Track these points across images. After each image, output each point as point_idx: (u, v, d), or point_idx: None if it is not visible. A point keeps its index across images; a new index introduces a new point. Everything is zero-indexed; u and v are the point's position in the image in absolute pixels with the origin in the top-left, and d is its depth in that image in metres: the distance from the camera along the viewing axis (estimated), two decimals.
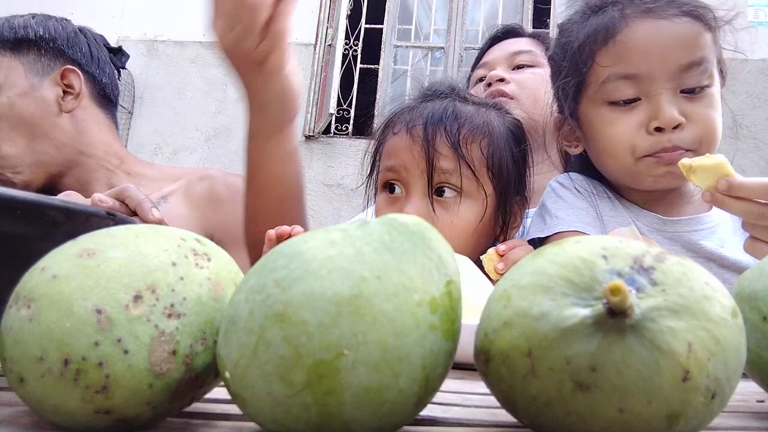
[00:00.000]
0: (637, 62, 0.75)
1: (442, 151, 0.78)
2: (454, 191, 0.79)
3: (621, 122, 0.76)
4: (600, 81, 0.77)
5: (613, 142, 0.78)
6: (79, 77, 1.02)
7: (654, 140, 0.75)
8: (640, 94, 0.76)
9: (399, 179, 0.81)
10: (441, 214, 0.78)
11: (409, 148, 0.79)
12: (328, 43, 3.64)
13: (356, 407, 0.22)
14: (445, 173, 0.78)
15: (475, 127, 0.81)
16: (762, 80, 3.16)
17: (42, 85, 0.98)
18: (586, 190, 0.86)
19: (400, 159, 0.80)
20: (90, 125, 1.02)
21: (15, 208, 0.33)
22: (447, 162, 0.78)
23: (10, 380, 0.25)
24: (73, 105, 1.00)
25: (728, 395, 0.24)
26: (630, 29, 0.76)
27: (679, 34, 0.74)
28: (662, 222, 0.82)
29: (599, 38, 0.77)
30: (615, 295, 0.21)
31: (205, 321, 0.26)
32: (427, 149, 0.77)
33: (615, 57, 0.76)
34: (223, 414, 0.29)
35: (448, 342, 0.25)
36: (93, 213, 0.37)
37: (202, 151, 3.60)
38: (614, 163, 0.80)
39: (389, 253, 0.24)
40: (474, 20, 3.72)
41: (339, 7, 3.59)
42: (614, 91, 0.76)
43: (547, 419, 0.24)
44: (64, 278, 0.25)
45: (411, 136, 0.79)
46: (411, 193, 0.79)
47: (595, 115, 0.80)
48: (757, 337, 0.30)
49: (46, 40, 1.01)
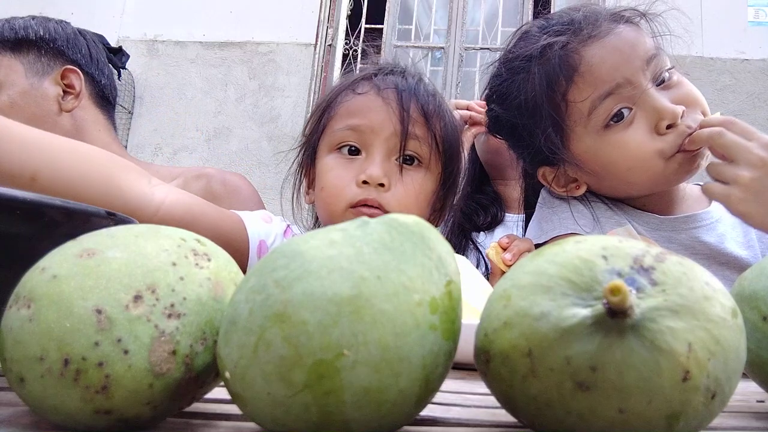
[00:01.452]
0: (610, 77, 0.75)
1: (415, 117, 0.77)
2: (418, 161, 0.78)
3: (632, 139, 0.76)
4: (587, 114, 0.77)
5: (637, 160, 0.76)
6: (79, 77, 1.03)
7: (674, 136, 0.75)
8: (629, 103, 0.76)
9: (359, 140, 0.78)
10: (406, 181, 0.77)
11: (381, 110, 0.77)
12: (328, 43, 3.64)
13: (356, 407, 0.22)
14: (416, 140, 0.77)
15: (439, 105, 0.81)
16: (762, 80, 3.16)
17: (42, 84, 0.99)
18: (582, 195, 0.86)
19: (368, 119, 0.77)
20: (89, 125, 1.03)
21: (15, 208, 0.33)
22: (419, 130, 0.77)
23: (10, 380, 0.25)
24: (72, 104, 1.01)
25: (728, 395, 0.24)
26: (587, 57, 0.76)
27: (626, 38, 0.77)
28: (660, 221, 0.82)
29: (563, 80, 0.77)
30: (615, 295, 0.21)
31: (205, 321, 0.26)
32: (402, 113, 0.76)
33: (588, 86, 0.76)
34: (223, 414, 0.29)
35: (448, 342, 0.25)
36: (93, 213, 0.37)
37: (202, 151, 3.60)
38: (646, 175, 0.78)
39: (389, 253, 0.24)
40: (474, 20, 3.72)
41: (339, 6, 3.59)
42: (604, 113, 0.76)
43: (547, 419, 0.24)
44: (64, 278, 0.25)
45: (382, 98, 0.77)
46: (374, 154, 0.76)
47: (598, 146, 0.78)
48: (757, 337, 0.30)
49: (45, 40, 1.02)
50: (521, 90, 0.81)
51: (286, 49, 3.64)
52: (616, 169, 0.79)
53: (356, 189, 0.75)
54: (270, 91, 3.60)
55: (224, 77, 3.51)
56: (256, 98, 3.52)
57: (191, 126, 3.66)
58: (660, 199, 0.84)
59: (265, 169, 3.42)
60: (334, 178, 0.78)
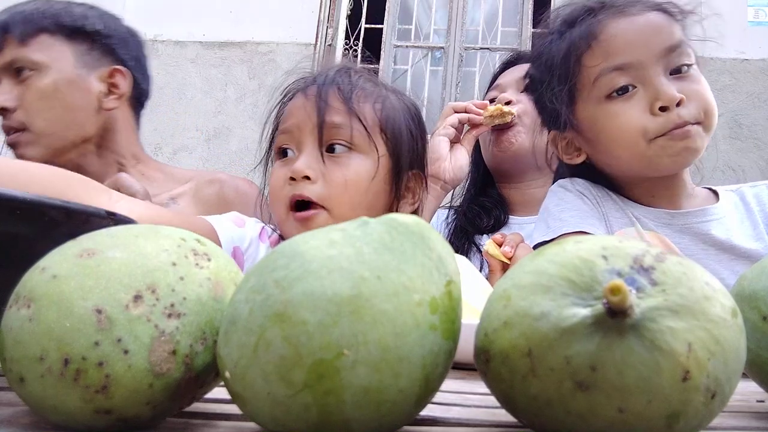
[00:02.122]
0: (624, 52, 0.79)
1: (334, 105, 0.77)
2: (345, 147, 0.78)
3: (624, 111, 0.79)
4: (593, 80, 0.80)
5: (622, 132, 0.80)
6: (125, 79, 1.02)
7: (663, 119, 0.77)
8: (634, 81, 0.79)
9: (292, 141, 0.79)
10: (332, 169, 0.76)
11: (302, 107, 0.78)
12: (328, 43, 3.64)
13: (356, 407, 0.22)
14: (336, 128, 0.77)
15: (368, 90, 0.81)
16: (762, 80, 3.16)
17: (88, 77, 0.99)
18: (590, 192, 0.87)
19: (293, 119, 0.79)
20: (120, 125, 1.03)
21: (15, 208, 0.33)
22: (339, 116, 0.77)
23: (10, 380, 0.25)
24: (113, 105, 1.01)
25: (728, 395, 0.24)
26: (609, 28, 0.80)
27: (654, 23, 0.80)
28: (670, 216, 0.83)
29: (582, 44, 0.81)
30: (615, 294, 0.21)
31: (205, 321, 0.26)
32: (318, 104, 0.77)
33: (602, 54, 0.80)
34: (223, 414, 0.29)
35: (448, 342, 0.25)
36: (93, 213, 0.37)
37: (202, 151, 3.60)
38: (628, 152, 0.81)
39: (389, 253, 0.24)
40: (474, 20, 3.71)
41: (339, 6, 3.59)
42: (609, 84, 0.79)
43: (547, 419, 0.24)
44: (64, 278, 0.25)
45: (305, 95, 0.79)
46: (302, 150, 0.78)
47: (596, 114, 0.82)
48: (757, 337, 0.30)
49: (101, 35, 1.01)
50: (551, 49, 0.85)
51: (286, 49, 3.64)
52: (606, 139, 0.82)
53: (287, 187, 0.77)
54: (270, 91, 3.60)
55: (224, 77, 3.51)
56: (256, 98, 3.52)
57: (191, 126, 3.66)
58: (667, 193, 0.85)
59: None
60: (273, 180, 0.80)
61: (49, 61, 0.96)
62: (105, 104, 1.00)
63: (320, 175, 0.76)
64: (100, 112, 1.00)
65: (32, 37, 0.96)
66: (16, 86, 0.95)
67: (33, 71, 0.95)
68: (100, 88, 1.00)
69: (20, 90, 0.95)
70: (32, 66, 0.95)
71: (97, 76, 1.00)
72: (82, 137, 0.98)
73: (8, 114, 0.95)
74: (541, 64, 0.87)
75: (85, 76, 0.99)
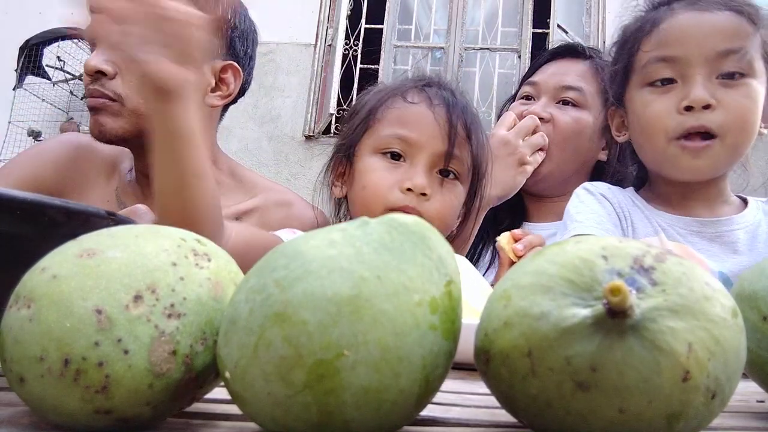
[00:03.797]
0: (675, 46, 0.80)
1: (461, 137, 0.82)
2: (455, 175, 0.84)
3: (657, 103, 0.81)
4: (642, 65, 0.83)
5: (649, 123, 0.82)
6: (237, 78, 0.93)
7: (683, 119, 0.78)
8: (676, 76, 0.80)
9: (406, 149, 0.82)
10: (445, 193, 0.82)
11: (431, 125, 0.82)
12: (328, 43, 3.64)
13: (356, 407, 0.22)
14: (459, 158, 0.83)
15: (478, 124, 0.86)
16: None
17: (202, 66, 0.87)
18: (615, 197, 0.88)
19: (418, 132, 0.81)
20: (210, 123, 0.95)
21: (15, 208, 0.33)
22: (462, 148, 0.83)
23: (10, 380, 0.25)
24: (216, 102, 0.92)
25: (728, 395, 0.24)
26: (673, 18, 0.82)
27: (719, 23, 0.79)
28: (700, 224, 0.84)
29: (646, 28, 0.84)
30: (615, 295, 0.21)
31: (205, 321, 0.26)
32: (450, 131, 0.81)
33: (656, 42, 0.82)
34: (223, 414, 0.29)
35: (448, 342, 0.25)
36: (93, 213, 0.37)
37: None
38: (650, 145, 0.83)
39: (389, 253, 0.24)
40: (474, 20, 3.71)
41: (339, 7, 3.59)
42: (652, 73, 0.81)
43: (547, 419, 0.24)
44: (64, 278, 0.25)
45: (433, 113, 0.82)
46: (418, 164, 0.81)
47: (636, 98, 0.84)
48: (757, 337, 0.30)
49: (227, 25, 0.92)
50: (627, 27, 0.88)
51: (286, 49, 3.64)
52: (638, 126, 0.85)
53: (399, 194, 0.80)
54: (270, 91, 3.59)
55: None
56: (256, 98, 3.52)
57: None
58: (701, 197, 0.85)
59: (265, 169, 3.42)
60: (378, 179, 0.82)
61: None
62: (208, 100, 0.91)
63: (434, 195, 0.81)
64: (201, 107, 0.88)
65: None
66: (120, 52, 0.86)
67: None
68: (209, 80, 0.90)
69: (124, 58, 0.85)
70: None
71: (210, 68, 0.90)
72: None
73: (103, 79, 0.85)
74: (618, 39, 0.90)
75: None
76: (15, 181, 0.92)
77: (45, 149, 1.00)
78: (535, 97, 1.10)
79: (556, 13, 3.47)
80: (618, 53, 0.88)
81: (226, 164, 1.01)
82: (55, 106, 3.67)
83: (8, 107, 3.55)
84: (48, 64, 3.59)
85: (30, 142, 3.42)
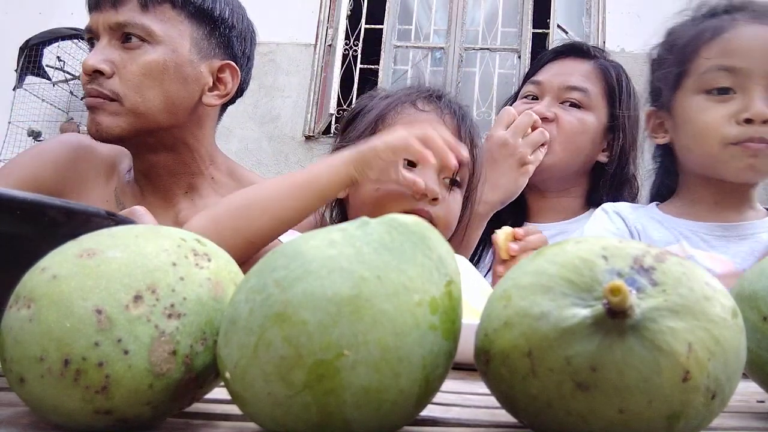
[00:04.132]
0: (738, 57, 0.81)
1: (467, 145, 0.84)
2: (458, 183, 0.87)
3: (714, 110, 0.82)
4: (701, 72, 0.84)
5: (704, 129, 0.83)
6: (235, 77, 0.93)
7: (743, 130, 0.79)
8: (735, 86, 0.81)
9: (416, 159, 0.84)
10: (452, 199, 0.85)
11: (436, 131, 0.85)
12: (328, 43, 3.64)
13: (356, 407, 0.22)
14: (465, 166, 0.85)
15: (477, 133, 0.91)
16: None
17: (199, 66, 0.89)
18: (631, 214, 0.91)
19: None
20: (207, 122, 0.95)
21: (15, 208, 0.33)
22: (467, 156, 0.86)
23: (10, 380, 0.25)
24: (214, 102, 0.92)
25: (728, 395, 0.24)
26: (738, 29, 0.83)
27: None
28: (724, 228, 0.86)
29: (707, 35, 0.84)
30: (615, 295, 0.21)
31: (205, 321, 0.26)
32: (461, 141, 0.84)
33: (719, 51, 0.82)
34: (223, 414, 0.29)
35: (448, 342, 0.25)
36: (93, 213, 0.37)
37: None
38: (701, 149, 0.84)
39: (389, 253, 0.24)
40: (474, 20, 3.71)
41: (339, 7, 3.59)
42: (711, 81, 0.82)
43: (547, 419, 0.24)
44: (64, 278, 0.25)
45: (444, 122, 0.86)
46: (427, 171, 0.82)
47: (690, 104, 0.85)
48: (757, 337, 0.30)
49: (225, 24, 0.92)
50: (681, 31, 0.89)
51: (286, 49, 3.64)
52: (689, 130, 0.86)
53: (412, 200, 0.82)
54: (270, 91, 3.59)
55: None
56: (256, 98, 3.52)
57: None
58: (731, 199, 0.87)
59: (265, 169, 3.42)
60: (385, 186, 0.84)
61: (165, 36, 0.86)
62: (206, 99, 0.91)
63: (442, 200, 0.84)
64: (199, 106, 0.90)
65: (155, 5, 0.86)
66: (118, 51, 0.85)
67: (144, 42, 0.85)
68: (207, 80, 0.90)
69: (122, 57, 0.85)
70: (146, 36, 0.85)
71: (208, 67, 0.90)
72: (170, 126, 0.88)
73: (101, 78, 0.85)
74: (668, 42, 0.91)
75: (196, 63, 0.88)
76: (15, 181, 0.92)
77: (45, 149, 1.00)
78: (539, 96, 1.09)
79: (556, 14, 3.47)
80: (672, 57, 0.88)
81: (225, 164, 1.01)
82: (55, 107, 3.67)
83: (8, 107, 3.55)
84: (48, 64, 3.59)
85: (30, 142, 3.42)
